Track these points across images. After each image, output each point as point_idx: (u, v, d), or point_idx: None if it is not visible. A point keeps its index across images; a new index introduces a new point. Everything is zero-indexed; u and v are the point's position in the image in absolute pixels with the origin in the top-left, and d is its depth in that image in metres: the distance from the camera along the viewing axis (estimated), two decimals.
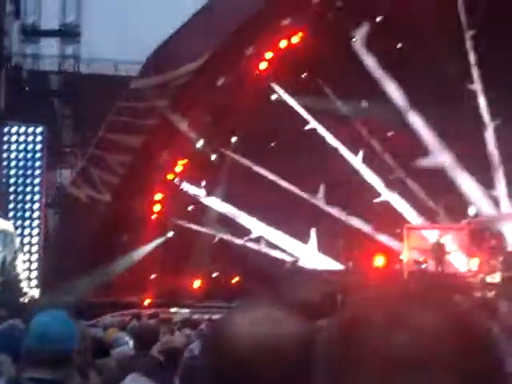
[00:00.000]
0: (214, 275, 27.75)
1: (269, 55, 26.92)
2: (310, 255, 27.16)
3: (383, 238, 26.84)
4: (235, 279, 27.08)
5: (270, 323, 1.53)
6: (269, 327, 1.53)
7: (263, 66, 27.07)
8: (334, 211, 27.30)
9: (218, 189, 27.80)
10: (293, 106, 27.26)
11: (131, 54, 30.53)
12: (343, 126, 27.03)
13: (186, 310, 22.54)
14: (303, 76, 27.17)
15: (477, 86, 26.81)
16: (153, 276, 26.49)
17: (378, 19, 26.31)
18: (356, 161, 27.30)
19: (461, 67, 26.21)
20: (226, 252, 27.30)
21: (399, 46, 26.50)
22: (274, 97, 27.49)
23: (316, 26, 26.18)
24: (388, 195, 27.28)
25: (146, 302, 25.42)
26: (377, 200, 27.25)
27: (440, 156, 27.00)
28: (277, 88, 27.31)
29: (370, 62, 26.74)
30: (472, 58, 26.48)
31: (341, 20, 25.97)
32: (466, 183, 26.87)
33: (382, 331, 1.11)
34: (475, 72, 26.69)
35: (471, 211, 26.25)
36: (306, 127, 27.36)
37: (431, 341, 1.10)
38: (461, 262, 23.92)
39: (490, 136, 27.04)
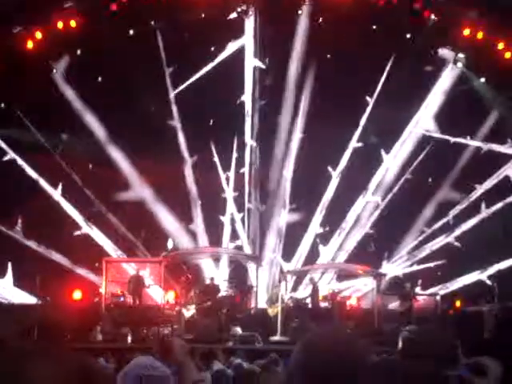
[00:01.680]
0: None
1: None
2: (6, 289, 26.23)
3: (83, 272, 26.61)
4: None
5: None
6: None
7: None
8: (33, 245, 26.65)
9: None
10: None
11: None
12: (43, 158, 26.55)
13: None
14: (1, 107, 26.41)
15: (176, 122, 27.60)
16: None
17: (78, 52, 26.24)
18: (56, 193, 26.90)
19: (161, 104, 26.89)
20: None
21: (99, 79, 26.60)
22: None
23: (15, 56, 25.57)
24: (88, 229, 27.14)
25: None
26: (77, 233, 26.99)
27: (140, 190, 27.38)
28: None
29: (70, 94, 26.59)
30: (171, 94, 27.23)
31: (41, 51, 25.58)
32: (165, 217, 27.44)
33: None
34: (174, 109, 27.48)
35: (169, 244, 26.81)
36: (5, 158, 26.53)
37: None
38: (158, 294, 24.28)
39: (188, 172, 27.88)
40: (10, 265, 26.38)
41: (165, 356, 4.53)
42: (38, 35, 25.13)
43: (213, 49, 26.71)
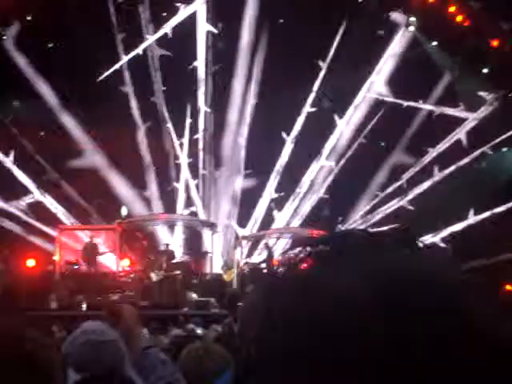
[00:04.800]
0: None
1: None
2: None
3: (37, 240, 26.43)
4: None
5: None
6: None
7: None
8: None
9: None
10: None
11: None
12: None
13: None
14: None
15: (129, 88, 27.38)
16: None
17: (28, 18, 25.84)
18: (7, 161, 26.59)
19: (113, 69, 26.60)
20: None
21: (50, 45, 26.25)
22: None
23: None
24: (41, 196, 26.91)
25: None
26: (29, 200, 26.76)
27: (93, 157, 27.19)
28: None
29: (21, 61, 26.22)
30: (124, 60, 26.95)
31: None
32: (119, 184, 27.30)
33: None
34: (127, 74, 27.24)
35: (123, 212, 26.69)
36: None
37: None
38: (113, 261, 24.22)
39: (141, 138, 27.73)
40: None
41: (114, 322, 4.51)
42: None
43: (165, 14, 26.43)
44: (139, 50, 26.27)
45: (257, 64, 27.50)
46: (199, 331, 12.44)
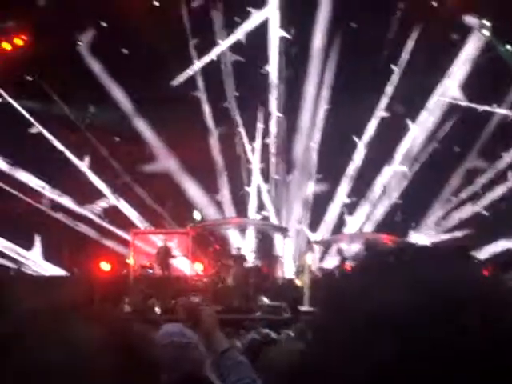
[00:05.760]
0: None
1: None
2: (35, 262, 26.51)
3: (110, 243, 26.80)
4: None
5: None
6: None
7: None
8: (61, 217, 26.87)
9: None
10: (17, 110, 26.50)
11: None
12: (70, 131, 26.72)
13: None
14: (28, 79, 26.51)
15: (201, 93, 27.57)
16: None
17: (102, 24, 26.23)
18: (83, 166, 27.05)
19: (186, 75, 26.86)
20: None
21: (124, 50, 26.57)
22: None
23: (41, 29, 25.61)
24: (115, 200, 27.29)
25: None
26: (104, 205, 27.18)
27: (166, 162, 27.45)
28: None
29: (95, 66, 26.64)
30: (197, 65, 27.15)
31: (66, 24, 25.61)
32: (192, 188, 27.50)
33: (37, 346, 1.07)
34: (200, 79, 27.44)
35: (196, 216, 26.89)
36: (32, 130, 26.69)
37: (87, 357, 1.06)
38: (186, 265, 24.40)
39: (214, 142, 27.89)
40: (37, 237, 26.64)
41: (193, 325, 4.56)
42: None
43: (237, 19, 26.57)
44: (213, 56, 26.47)
45: (329, 69, 27.42)
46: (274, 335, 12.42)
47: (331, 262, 26.01)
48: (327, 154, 27.17)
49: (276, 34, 26.65)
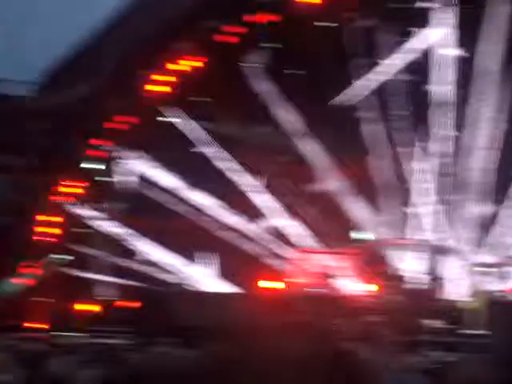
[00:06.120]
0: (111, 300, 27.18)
1: (165, 79, 27.08)
2: (208, 279, 27.13)
3: (277, 262, 26.94)
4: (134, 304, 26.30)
5: None
6: None
7: (158, 88, 27.18)
8: (227, 235, 27.33)
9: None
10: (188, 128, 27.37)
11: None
12: (244, 151, 27.12)
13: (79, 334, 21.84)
14: (199, 101, 27.23)
15: (372, 113, 27.31)
16: (43, 300, 25.96)
17: (274, 45, 26.67)
18: (258, 185, 27.45)
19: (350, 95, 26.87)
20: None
21: (293, 71, 26.84)
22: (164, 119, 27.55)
23: (212, 52, 26.38)
24: (281, 219, 27.47)
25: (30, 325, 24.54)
26: (269, 223, 27.43)
27: (333, 182, 27.35)
28: (170, 111, 27.36)
29: (264, 87, 27.04)
30: (368, 84, 27.00)
31: (237, 46, 26.27)
32: (358, 208, 27.29)
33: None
34: (372, 99, 27.27)
35: (362, 236, 26.69)
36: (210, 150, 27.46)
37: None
38: (355, 285, 24.27)
39: (381, 163, 27.58)
40: (215, 255, 27.17)
41: (371, 344, 4.64)
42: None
43: (400, 38, 26.44)
44: (387, 76, 26.34)
45: (505, 87, 26.59)
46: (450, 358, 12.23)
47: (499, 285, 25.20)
48: (495, 174, 26.49)
49: (448, 52, 26.27)
